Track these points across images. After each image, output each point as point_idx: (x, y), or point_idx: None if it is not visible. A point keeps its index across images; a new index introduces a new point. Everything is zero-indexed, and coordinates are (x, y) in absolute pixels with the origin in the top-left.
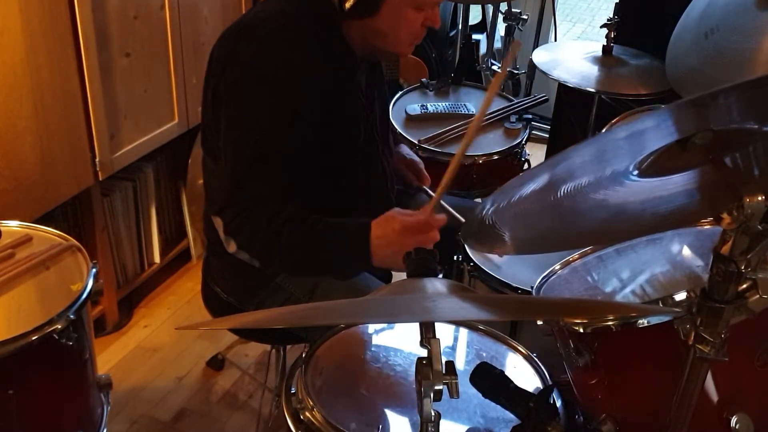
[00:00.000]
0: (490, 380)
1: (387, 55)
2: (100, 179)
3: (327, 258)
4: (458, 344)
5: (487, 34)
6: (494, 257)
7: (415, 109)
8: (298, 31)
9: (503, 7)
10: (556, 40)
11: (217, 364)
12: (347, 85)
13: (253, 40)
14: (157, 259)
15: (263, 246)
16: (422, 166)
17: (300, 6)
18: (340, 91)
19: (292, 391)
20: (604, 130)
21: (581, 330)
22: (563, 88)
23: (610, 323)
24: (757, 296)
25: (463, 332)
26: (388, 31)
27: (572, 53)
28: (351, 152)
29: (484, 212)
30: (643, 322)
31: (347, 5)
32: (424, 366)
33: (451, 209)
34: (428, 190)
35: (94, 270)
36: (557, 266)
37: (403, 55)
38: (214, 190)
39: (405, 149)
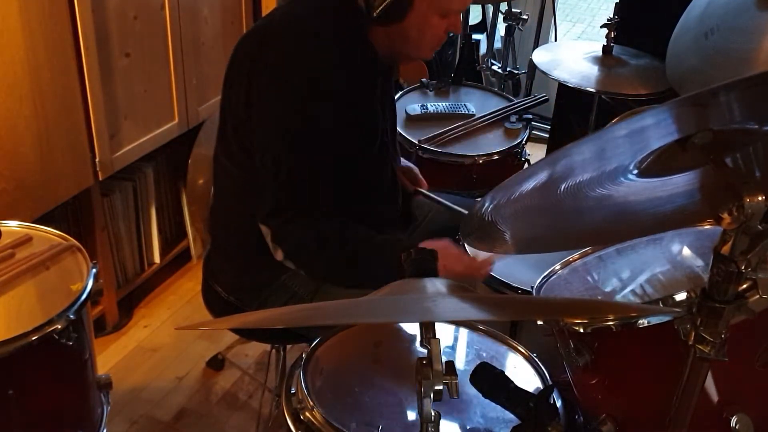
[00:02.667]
0: (490, 380)
1: (408, 59)
2: (100, 179)
3: (370, 274)
4: (458, 344)
5: (487, 34)
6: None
7: (415, 109)
8: (322, 35)
9: (503, 7)
10: (556, 40)
11: (217, 364)
12: (367, 89)
13: (276, 44)
14: (157, 259)
15: (308, 260)
16: (417, 171)
17: (324, 10)
18: (361, 95)
19: (292, 391)
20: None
21: (581, 330)
22: (563, 88)
23: (610, 323)
24: (757, 296)
25: (463, 332)
26: (414, 36)
27: (572, 53)
28: (367, 156)
29: (483, 209)
30: (643, 322)
31: (376, 11)
32: (424, 366)
33: (455, 207)
34: (425, 192)
35: (94, 270)
36: (557, 266)
37: (425, 59)
38: (227, 195)
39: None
